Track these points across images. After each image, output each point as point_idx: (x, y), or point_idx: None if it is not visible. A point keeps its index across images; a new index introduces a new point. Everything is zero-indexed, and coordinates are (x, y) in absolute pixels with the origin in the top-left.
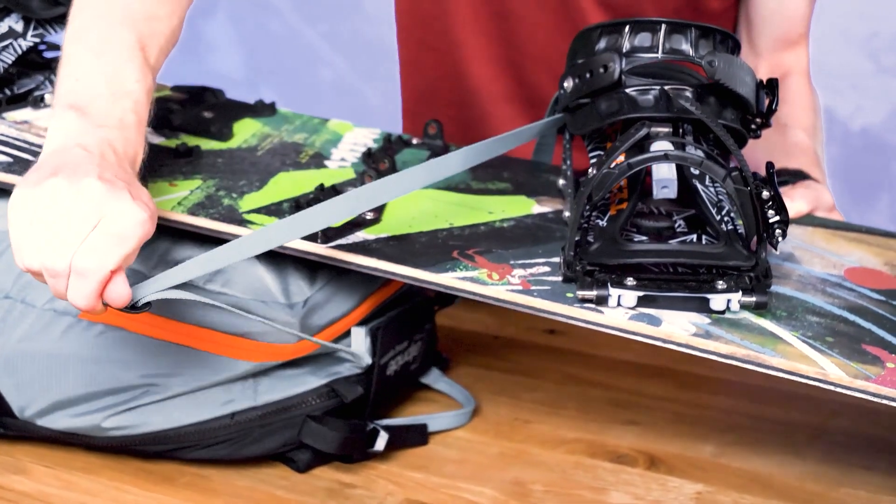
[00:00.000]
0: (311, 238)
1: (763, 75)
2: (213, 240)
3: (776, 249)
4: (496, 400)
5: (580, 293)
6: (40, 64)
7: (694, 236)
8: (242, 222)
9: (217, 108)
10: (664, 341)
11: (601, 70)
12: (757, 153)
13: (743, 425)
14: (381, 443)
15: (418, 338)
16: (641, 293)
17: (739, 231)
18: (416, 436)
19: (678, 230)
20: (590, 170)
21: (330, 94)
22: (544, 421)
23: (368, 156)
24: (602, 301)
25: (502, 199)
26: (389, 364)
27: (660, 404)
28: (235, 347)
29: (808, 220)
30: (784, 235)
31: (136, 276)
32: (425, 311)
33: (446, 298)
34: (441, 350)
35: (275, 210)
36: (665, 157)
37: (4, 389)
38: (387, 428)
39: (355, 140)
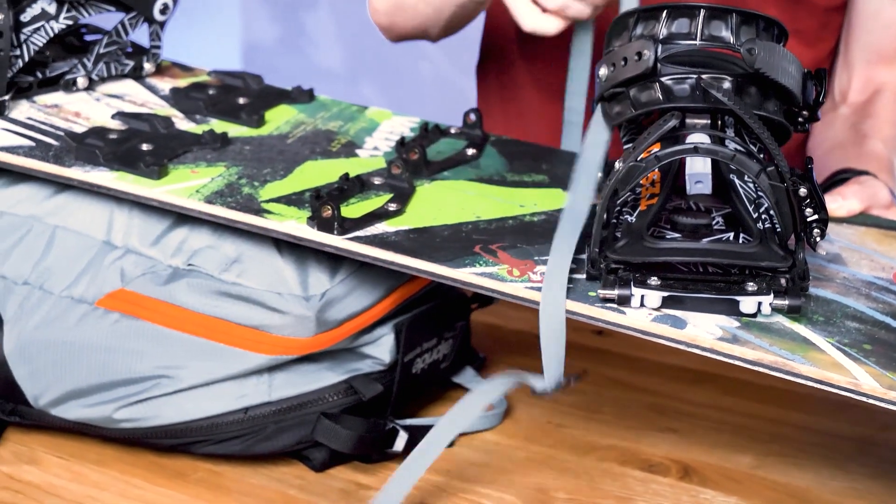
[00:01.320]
0: (327, 229)
1: (854, 92)
2: (230, 229)
3: (815, 249)
4: (531, 402)
5: (601, 292)
6: (78, 48)
7: (731, 234)
8: (260, 211)
9: (253, 94)
10: (688, 345)
11: (635, 58)
12: (830, 161)
13: (787, 436)
14: (400, 443)
15: (449, 336)
16: (666, 293)
17: (778, 230)
18: None
19: (716, 227)
20: (617, 162)
21: (430, 89)
22: (578, 426)
23: (402, 145)
24: (624, 301)
25: (537, 192)
26: (415, 362)
27: (702, 411)
28: (249, 340)
29: (862, 219)
30: (823, 235)
31: (145, 263)
32: (459, 308)
33: (485, 297)
34: (482, 349)
35: (295, 199)
36: (695, 150)
37: (20, 377)
38: (409, 428)
39: (392, 129)
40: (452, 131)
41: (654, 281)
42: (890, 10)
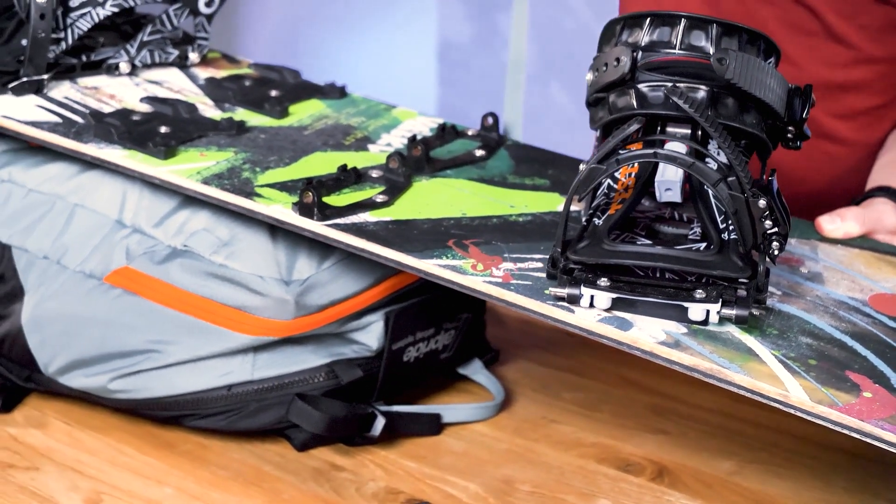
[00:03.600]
0: (308, 214)
1: None
2: (228, 212)
3: (774, 262)
4: (533, 397)
5: (553, 290)
6: (131, 36)
7: (703, 245)
8: (251, 195)
9: (286, 87)
10: (629, 347)
11: (615, 63)
12: (875, 175)
13: (779, 444)
14: (378, 427)
15: (451, 326)
16: (615, 295)
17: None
18: (426, 425)
19: (690, 237)
20: (581, 164)
21: None
22: (571, 422)
23: (412, 142)
24: (574, 300)
25: (532, 195)
26: (407, 350)
27: (701, 415)
28: (233, 320)
29: (858, 241)
30: (782, 248)
31: (147, 242)
32: (465, 301)
33: None
34: (511, 343)
35: (290, 186)
36: (654, 156)
37: (33, 346)
38: (394, 414)
39: (412, 128)
40: (470, 133)
41: (603, 282)
42: None
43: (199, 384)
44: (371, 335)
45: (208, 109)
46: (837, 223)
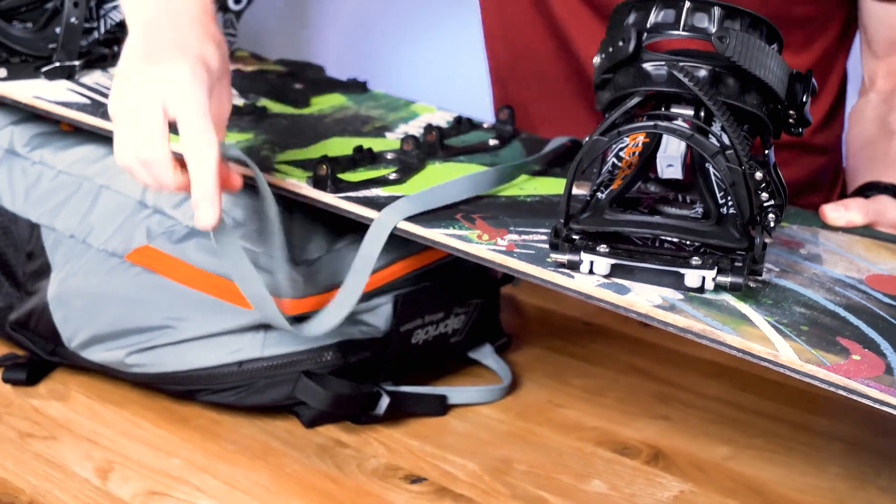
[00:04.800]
0: (321, 186)
1: (881, 78)
2: (244, 193)
3: (770, 235)
4: (543, 382)
5: (554, 256)
6: None
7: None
8: (268, 170)
9: (310, 81)
10: (626, 310)
11: (620, 44)
12: (860, 162)
13: (777, 433)
14: (382, 405)
15: (461, 311)
16: (614, 261)
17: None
18: (432, 406)
19: (692, 217)
20: (586, 137)
21: None
22: (576, 407)
23: (427, 129)
24: (574, 266)
25: (542, 180)
26: (415, 332)
27: (705, 403)
28: (243, 297)
29: (860, 230)
30: (778, 220)
31: (167, 222)
32: (478, 287)
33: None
34: (525, 329)
35: (307, 164)
36: (654, 127)
37: (58, 321)
38: (400, 394)
39: (429, 120)
40: (485, 126)
41: (602, 248)
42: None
43: (211, 360)
44: (379, 317)
45: (233, 98)
46: (841, 212)
